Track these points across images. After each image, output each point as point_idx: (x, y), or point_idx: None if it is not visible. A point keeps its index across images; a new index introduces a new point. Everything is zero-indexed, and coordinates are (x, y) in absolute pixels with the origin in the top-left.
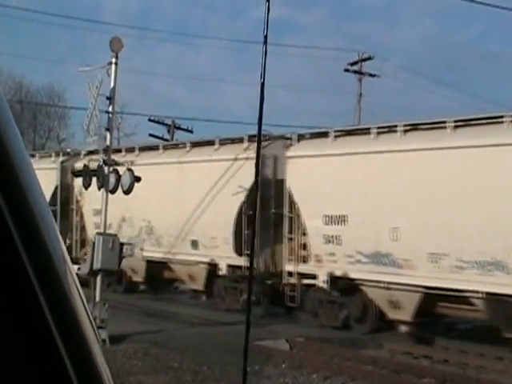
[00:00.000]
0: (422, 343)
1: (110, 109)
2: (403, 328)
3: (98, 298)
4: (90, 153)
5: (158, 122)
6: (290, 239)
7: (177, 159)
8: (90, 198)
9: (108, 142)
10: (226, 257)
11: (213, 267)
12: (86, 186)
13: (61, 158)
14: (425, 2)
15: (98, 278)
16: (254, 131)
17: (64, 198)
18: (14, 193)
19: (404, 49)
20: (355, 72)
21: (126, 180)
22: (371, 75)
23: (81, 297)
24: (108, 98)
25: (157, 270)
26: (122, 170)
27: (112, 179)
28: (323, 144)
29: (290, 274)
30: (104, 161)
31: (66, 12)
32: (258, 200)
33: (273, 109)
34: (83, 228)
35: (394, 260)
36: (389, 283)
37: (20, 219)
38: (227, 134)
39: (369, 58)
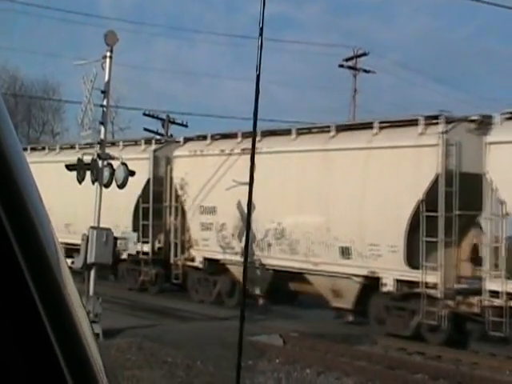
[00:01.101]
0: (415, 340)
1: (105, 102)
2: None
3: (91, 293)
4: (188, 140)
5: (152, 117)
6: None
7: (321, 146)
8: (195, 194)
9: (102, 136)
10: (393, 269)
11: (371, 281)
12: (80, 180)
13: (153, 147)
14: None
15: (92, 272)
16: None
17: (157, 193)
18: (8, 188)
19: (400, 45)
20: (350, 68)
21: (120, 174)
22: (366, 71)
23: (75, 291)
24: (102, 92)
25: (284, 281)
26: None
27: (106, 173)
28: None
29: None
30: (98, 155)
31: (61, 5)
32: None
33: (267, 104)
34: (185, 229)
35: None
36: None
37: (14, 215)
38: (223, 130)
39: (364, 54)
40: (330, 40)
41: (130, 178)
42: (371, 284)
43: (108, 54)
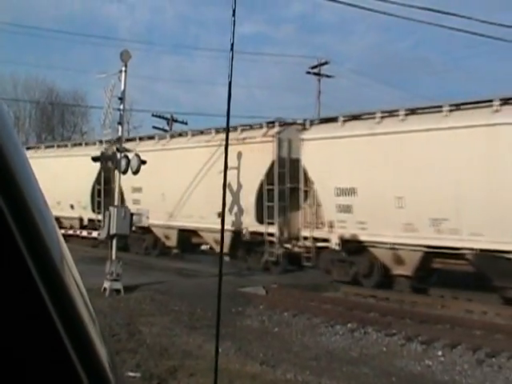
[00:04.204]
0: (368, 286)
1: (121, 107)
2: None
3: (114, 257)
4: (325, 120)
5: (159, 117)
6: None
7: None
8: (329, 176)
9: (120, 134)
10: None
11: None
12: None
13: (276, 129)
14: (371, 19)
15: (114, 241)
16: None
17: (281, 176)
18: (9, 185)
19: (354, 55)
20: (315, 74)
21: (134, 163)
22: (328, 76)
23: (77, 282)
24: (120, 99)
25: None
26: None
27: (123, 163)
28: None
29: None
30: (117, 148)
31: (87, 31)
32: None
33: (250, 104)
34: (316, 210)
35: None
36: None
37: (16, 209)
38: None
39: (326, 63)
40: (300, 52)
41: (253, 161)
42: None
43: (123, 68)
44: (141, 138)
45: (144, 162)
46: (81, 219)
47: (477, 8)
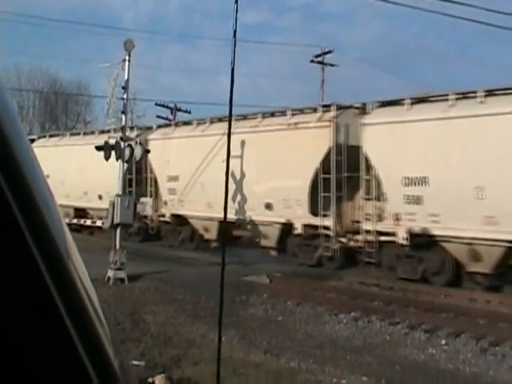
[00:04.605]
0: (372, 275)
1: (125, 96)
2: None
3: (118, 246)
4: (387, 103)
5: (162, 106)
6: None
7: None
8: (395, 164)
9: (123, 123)
10: None
11: None
12: (107, 158)
13: (333, 113)
14: (375, 8)
15: (118, 230)
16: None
17: (338, 163)
18: (14, 175)
19: (358, 44)
20: (319, 63)
21: (137, 151)
22: (331, 65)
23: (81, 270)
24: (123, 88)
25: None
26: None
27: (127, 151)
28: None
29: None
30: (121, 137)
31: (91, 20)
32: None
33: (255, 93)
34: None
35: None
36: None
37: (21, 199)
38: (220, 115)
39: (330, 52)
40: (304, 41)
41: (307, 148)
42: None
43: (127, 57)
44: (177, 124)
45: (148, 151)
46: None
47: None
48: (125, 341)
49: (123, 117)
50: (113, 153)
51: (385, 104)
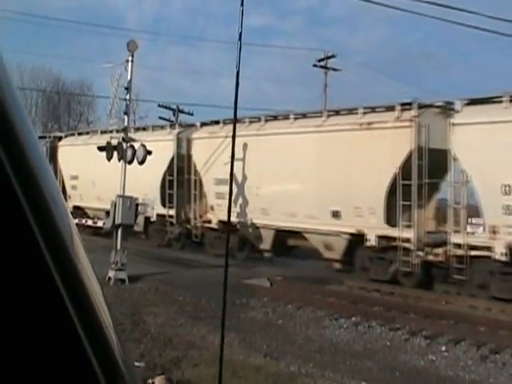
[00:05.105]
0: (373, 281)
1: (128, 97)
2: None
3: (119, 247)
4: (478, 101)
5: (165, 107)
6: None
7: None
8: (497, 168)
9: (126, 124)
10: None
11: None
12: (109, 158)
13: (414, 111)
14: (378, 13)
15: (119, 231)
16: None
17: (419, 168)
18: (22, 170)
19: (361, 49)
20: (322, 67)
21: (140, 153)
22: (334, 70)
23: (87, 262)
24: (126, 88)
25: None
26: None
27: (129, 153)
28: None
29: None
30: (123, 138)
31: (95, 21)
32: None
33: (258, 96)
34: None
35: None
36: None
37: (30, 195)
38: (223, 117)
39: (333, 56)
40: (307, 45)
41: (383, 150)
42: None
43: (130, 58)
44: (225, 122)
45: (150, 153)
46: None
47: (486, 3)
48: (124, 342)
49: (125, 117)
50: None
51: (475, 102)
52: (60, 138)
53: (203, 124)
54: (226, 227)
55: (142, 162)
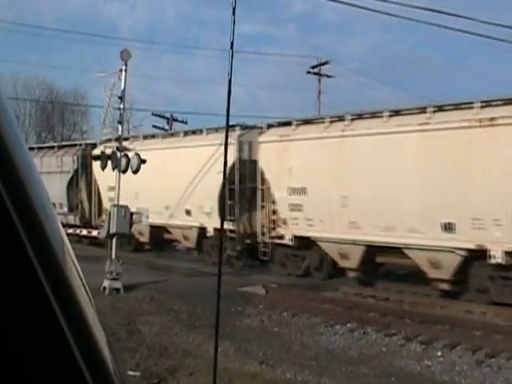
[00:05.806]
0: (368, 286)
1: (121, 106)
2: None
3: (113, 256)
4: None
5: (159, 116)
6: None
7: None
8: None
9: (120, 133)
10: None
11: None
12: (103, 167)
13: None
14: (372, 19)
15: (114, 240)
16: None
17: None
18: (12, 182)
19: (355, 55)
20: (315, 74)
21: (134, 162)
22: (328, 76)
23: (79, 273)
24: (119, 98)
25: None
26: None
27: (123, 162)
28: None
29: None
30: (117, 147)
31: (88, 30)
32: None
33: (252, 103)
34: None
35: None
36: None
37: (19, 207)
38: (217, 125)
39: (326, 63)
40: (301, 52)
41: (503, 151)
42: None
43: (123, 67)
44: (297, 123)
45: (144, 162)
46: (202, 228)
47: (481, 8)
48: (120, 351)
49: (119, 127)
50: (202, 154)
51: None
52: (94, 146)
53: (269, 126)
54: (220, 234)
55: (136, 171)
